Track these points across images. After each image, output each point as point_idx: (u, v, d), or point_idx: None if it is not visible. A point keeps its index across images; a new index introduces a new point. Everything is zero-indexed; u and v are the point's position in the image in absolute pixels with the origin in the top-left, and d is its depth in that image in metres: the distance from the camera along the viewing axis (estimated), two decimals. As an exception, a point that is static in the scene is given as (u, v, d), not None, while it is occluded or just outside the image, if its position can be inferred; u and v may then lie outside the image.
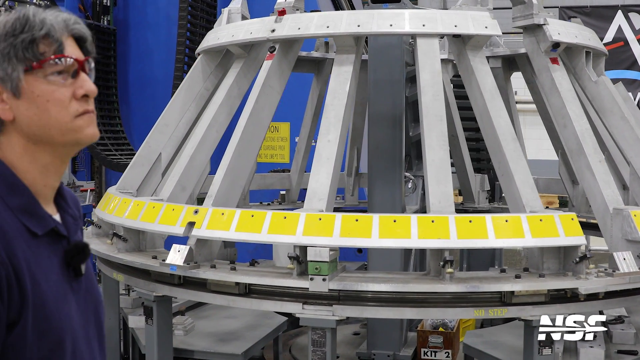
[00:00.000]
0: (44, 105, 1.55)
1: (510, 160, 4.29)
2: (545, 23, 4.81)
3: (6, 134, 1.58)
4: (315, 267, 3.82)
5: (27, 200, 1.57)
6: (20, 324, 1.46)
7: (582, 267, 3.94)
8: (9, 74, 1.52)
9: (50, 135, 1.58)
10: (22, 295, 1.47)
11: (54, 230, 1.61)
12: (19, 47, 1.51)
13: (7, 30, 1.52)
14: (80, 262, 1.66)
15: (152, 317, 4.51)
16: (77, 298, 1.64)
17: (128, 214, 4.69)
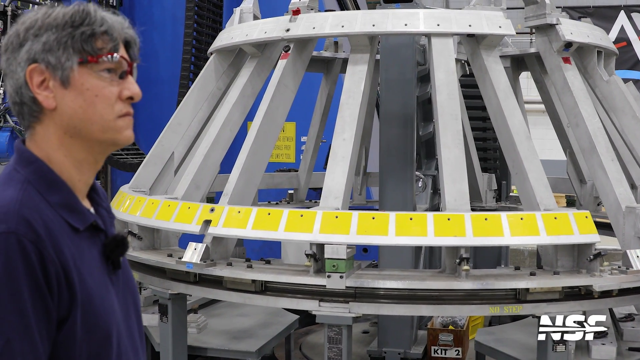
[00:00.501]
0: (91, 99, 1.56)
1: (524, 158, 4.32)
2: (558, 23, 4.85)
3: (43, 123, 1.57)
4: (333, 264, 3.86)
5: (66, 196, 1.57)
6: (70, 321, 1.48)
7: (596, 265, 3.98)
8: (62, 63, 1.53)
9: (90, 130, 1.58)
10: (71, 292, 1.48)
11: (93, 225, 1.61)
12: (78, 38, 1.53)
13: (65, 20, 1.53)
14: (119, 255, 1.67)
15: (167, 315, 4.54)
16: (116, 291, 1.64)
17: (142, 212, 4.72)
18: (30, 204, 1.48)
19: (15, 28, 1.55)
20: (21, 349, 1.38)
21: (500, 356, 4.79)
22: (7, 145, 9.77)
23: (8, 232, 1.41)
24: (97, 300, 1.53)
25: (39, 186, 1.52)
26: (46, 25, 1.52)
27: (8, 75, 1.56)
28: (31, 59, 1.53)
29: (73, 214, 1.56)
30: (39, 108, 1.55)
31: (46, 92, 1.54)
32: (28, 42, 1.52)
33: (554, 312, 3.91)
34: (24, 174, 1.53)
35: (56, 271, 1.45)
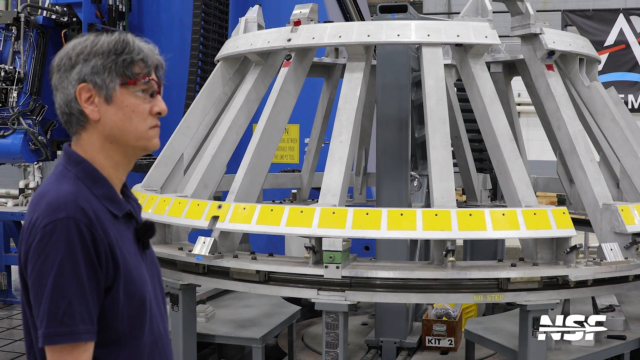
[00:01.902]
0: (129, 114, 1.96)
1: (507, 159, 4.67)
2: (541, 32, 5.19)
3: (88, 131, 1.97)
4: (330, 256, 4.22)
5: (108, 190, 1.97)
6: (114, 289, 1.87)
7: (572, 257, 4.33)
8: (106, 84, 1.92)
9: (127, 138, 1.98)
10: (115, 266, 1.88)
11: (128, 213, 2.02)
12: (120, 64, 1.92)
13: (110, 49, 1.92)
14: (149, 237, 2.09)
15: (177, 304, 4.90)
16: (146, 266, 2.06)
17: (155, 209, 5.08)
18: (82, 195, 1.87)
19: (66, 51, 1.94)
20: (79, 309, 1.78)
21: (487, 343, 5.14)
22: (21, 146, 10.08)
23: (68, 217, 1.80)
24: (134, 272, 1.93)
25: (86, 182, 1.92)
26: (94, 52, 1.91)
27: (59, 90, 1.95)
28: (81, 79, 1.92)
29: (113, 203, 1.96)
30: (85, 119, 1.95)
31: (92, 106, 1.94)
32: (79, 65, 1.91)
33: (534, 300, 4.26)
34: (74, 172, 1.92)
35: (104, 249, 1.84)
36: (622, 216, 4.60)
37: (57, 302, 1.77)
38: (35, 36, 10.38)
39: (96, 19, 10.95)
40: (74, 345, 1.78)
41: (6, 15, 10.36)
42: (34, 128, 10.14)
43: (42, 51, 10.41)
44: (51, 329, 1.77)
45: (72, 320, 1.77)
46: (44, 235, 1.80)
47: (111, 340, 1.89)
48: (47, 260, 1.79)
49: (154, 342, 2.01)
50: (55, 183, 1.91)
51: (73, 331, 1.77)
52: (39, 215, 1.83)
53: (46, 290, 1.78)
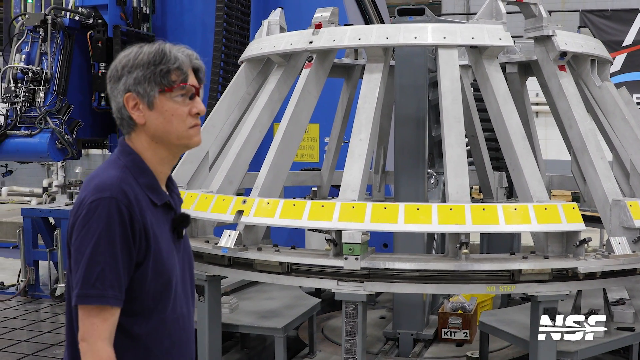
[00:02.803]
0: (169, 117, 2.21)
1: (520, 156, 4.86)
2: (554, 34, 5.38)
3: (137, 132, 2.25)
4: (349, 248, 4.44)
5: (151, 180, 2.23)
6: (144, 265, 2.13)
7: (581, 250, 4.52)
8: (147, 92, 2.18)
9: (169, 138, 2.24)
10: (147, 244, 2.13)
11: (167, 203, 2.27)
12: (158, 74, 2.17)
13: (149, 60, 2.17)
14: (184, 227, 2.34)
15: (204, 295, 5.13)
16: (178, 254, 2.30)
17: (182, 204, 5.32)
18: (127, 180, 2.14)
19: (115, 64, 2.22)
20: (110, 277, 2.04)
21: (500, 334, 5.34)
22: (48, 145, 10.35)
23: (111, 197, 2.08)
24: (164, 254, 2.18)
25: (133, 171, 2.19)
26: (136, 64, 2.17)
27: (112, 99, 2.23)
28: (126, 89, 2.19)
29: (154, 193, 2.22)
30: (133, 123, 2.22)
31: (138, 112, 2.21)
32: (124, 76, 2.18)
33: (544, 291, 4.45)
34: (124, 161, 2.20)
35: (139, 228, 2.10)
36: (630, 211, 4.78)
37: (92, 268, 2.03)
38: (61, 38, 10.65)
39: (121, 20, 11.23)
40: (101, 308, 2.03)
41: (34, 18, 10.64)
42: (61, 127, 10.40)
43: (68, 52, 10.68)
44: (84, 290, 2.03)
45: (102, 285, 2.02)
46: (89, 210, 2.06)
47: (137, 311, 2.14)
48: (89, 232, 2.05)
49: (176, 319, 2.25)
50: (106, 169, 2.18)
51: (102, 295, 2.02)
52: (87, 194, 2.10)
53: (84, 257, 2.04)
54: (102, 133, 11.75)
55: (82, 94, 11.21)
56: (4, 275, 10.87)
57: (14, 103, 9.92)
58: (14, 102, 9.91)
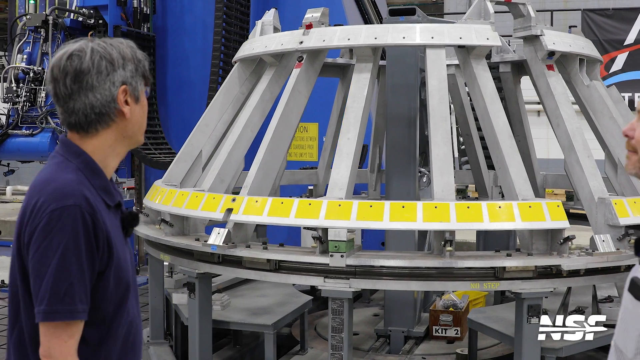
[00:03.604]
0: (144, 111, 2.25)
1: (506, 155, 4.91)
2: (542, 34, 5.43)
3: (110, 128, 2.17)
4: (335, 245, 4.50)
5: (104, 181, 2.17)
6: (106, 273, 2.07)
7: (565, 248, 4.57)
8: (137, 85, 2.19)
9: (138, 132, 2.24)
10: (110, 252, 2.07)
11: (118, 203, 2.23)
12: (142, 68, 2.20)
13: (133, 55, 2.18)
14: (134, 226, 2.29)
15: (194, 292, 5.20)
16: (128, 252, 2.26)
17: (174, 203, 5.39)
18: (85, 185, 2.07)
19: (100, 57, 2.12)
20: (78, 290, 1.97)
21: (488, 331, 5.39)
22: (49, 145, 10.43)
23: (74, 205, 1.99)
24: (122, 259, 2.14)
25: (86, 173, 2.12)
26: (127, 58, 2.16)
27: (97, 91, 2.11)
28: (123, 81, 2.15)
29: (107, 194, 2.17)
30: (114, 118, 2.16)
31: (127, 106, 2.18)
32: (119, 69, 2.14)
33: (528, 288, 4.51)
34: (75, 163, 2.12)
35: (102, 236, 2.04)
36: (615, 209, 4.83)
37: (60, 282, 1.94)
38: (62, 38, 10.72)
39: (121, 21, 11.31)
40: (69, 323, 1.96)
41: (35, 18, 10.72)
42: (62, 127, 10.47)
43: (69, 53, 10.76)
44: (53, 306, 1.93)
45: (72, 300, 1.95)
46: (50, 219, 1.96)
47: (98, 320, 2.06)
48: (52, 243, 1.95)
49: (131, 322, 2.20)
50: (59, 172, 2.08)
51: (72, 310, 1.95)
52: (45, 200, 1.99)
53: (49, 270, 1.94)
54: (103, 132, 11.82)
55: (83, 94, 11.28)
56: (5, 274, 10.97)
57: (16, 103, 10.00)
58: (16, 102, 10.00)
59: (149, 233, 5.59)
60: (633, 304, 1.98)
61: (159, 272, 6.20)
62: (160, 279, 6.23)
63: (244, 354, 6.32)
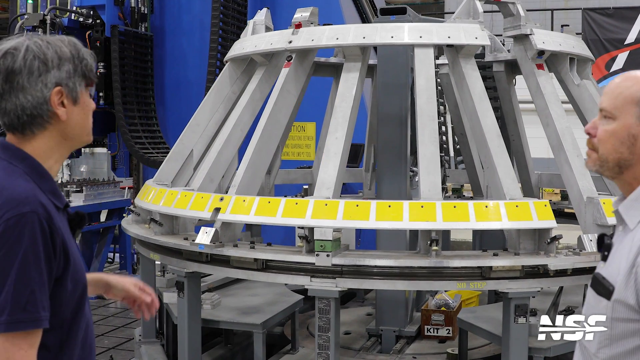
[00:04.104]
0: (87, 112, 2.18)
1: (494, 154, 4.91)
2: (531, 33, 5.42)
3: (47, 130, 2.10)
4: (321, 244, 4.50)
5: (52, 184, 2.10)
6: (63, 278, 2.01)
7: (552, 247, 4.56)
8: (75, 86, 2.11)
9: (81, 134, 2.17)
10: (66, 257, 2.01)
11: (66, 204, 2.17)
12: (83, 68, 2.14)
13: (73, 54, 2.11)
14: (82, 227, 2.24)
15: (183, 291, 5.20)
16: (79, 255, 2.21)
17: (164, 202, 5.40)
18: (38, 190, 2.01)
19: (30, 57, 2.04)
20: (40, 298, 1.91)
21: (477, 331, 5.38)
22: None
23: (32, 212, 1.93)
24: (77, 261, 2.09)
25: (33, 177, 2.05)
26: (64, 57, 2.09)
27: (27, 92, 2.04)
28: (57, 83, 2.07)
29: (56, 197, 2.09)
30: (50, 120, 2.09)
31: (63, 108, 2.10)
32: (54, 69, 2.07)
33: (515, 288, 4.50)
34: (22, 168, 2.05)
35: (59, 241, 1.98)
36: (604, 209, 4.81)
37: (22, 291, 1.88)
38: (60, 38, 10.72)
39: (119, 20, 11.34)
40: (29, 332, 1.90)
41: (33, 18, 10.75)
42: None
43: (67, 52, 10.77)
44: (14, 316, 1.87)
45: (35, 308, 1.89)
46: (7, 227, 1.90)
47: (56, 325, 2.00)
48: (11, 252, 1.88)
49: (87, 324, 2.16)
50: (8, 178, 2.01)
51: (35, 318, 1.89)
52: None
53: (9, 279, 1.87)
54: (101, 132, 11.85)
55: (81, 93, 11.30)
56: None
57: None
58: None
59: (139, 232, 5.59)
60: (595, 299, 2.01)
61: (151, 271, 6.20)
62: (152, 278, 6.23)
63: (235, 353, 6.32)
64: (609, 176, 2.08)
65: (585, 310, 2.09)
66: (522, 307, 4.56)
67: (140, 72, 11.53)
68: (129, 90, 11.31)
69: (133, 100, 11.40)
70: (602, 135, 2.03)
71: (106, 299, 9.87)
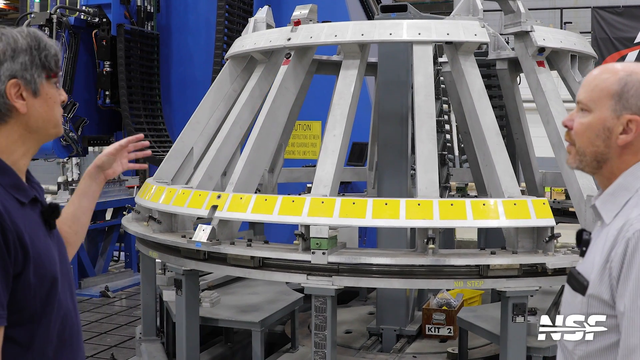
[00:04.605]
0: (51, 104, 2.13)
1: (493, 152, 4.87)
2: (532, 30, 5.37)
3: (9, 124, 2.07)
4: (317, 242, 4.48)
5: (14, 179, 2.06)
6: (24, 273, 1.96)
7: (551, 246, 4.51)
8: (34, 78, 2.07)
9: (47, 127, 2.13)
10: (24, 252, 1.96)
11: (34, 198, 2.13)
12: (43, 59, 2.08)
13: (30, 45, 2.06)
14: (54, 218, 2.19)
15: (181, 289, 5.19)
16: (54, 247, 2.17)
17: (162, 200, 5.39)
18: None
19: None
20: None
21: (476, 330, 5.34)
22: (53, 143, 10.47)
23: None
24: (43, 254, 2.05)
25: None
26: (18, 49, 2.05)
27: None
28: (11, 75, 2.03)
29: (19, 191, 2.06)
30: (10, 113, 2.06)
31: (21, 100, 2.06)
32: (7, 62, 2.03)
33: (512, 286, 4.46)
34: None
35: (13, 238, 1.92)
36: (603, 207, 4.75)
37: None
38: (67, 36, 10.77)
39: (125, 19, 11.34)
40: None
41: (39, 17, 10.77)
42: (66, 125, 10.52)
43: (74, 51, 10.82)
44: None
45: None
46: None
47: (25, 319, 1.99)
48: None
49: (64, 317, 2.12)
50: None
51: None
52: None
53: None
54: (107, 130, 11.88)
55: (88, 92, 11.34)
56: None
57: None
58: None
59: (139, 230, 5.59)
60: (571, 295, 1.99)
61: (151, 269, 6.20)
62: (152, 276, 6.23)
63: (235, 352, 6.30)
64: (589, 172, 2.05)
65: (562, 307, 2.06)
66: (520, 306, 4.52)
67: (146, 71, 11.54)
68: (135, 89, 11.31)
69: (139, 99, 11.40)
70: (578, 128, 2.00)
71: (110, 297, 9.89)
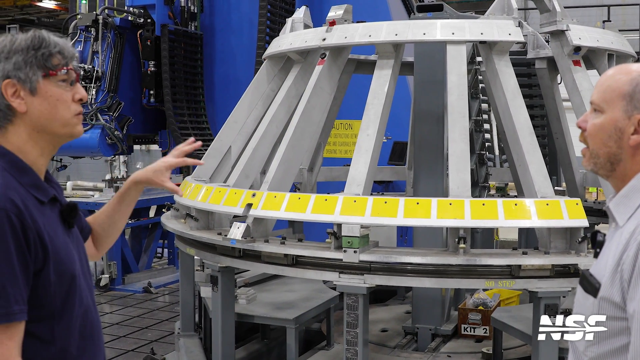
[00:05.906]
0: (54, 103, 2.15)
1: (526, 152, 4.85)
2: (568, 29, 5.34)
3: (15, 123, 2.13)
4: (348, 241, 4.53)
5: (33, 178, 2.13)
6: (45, 270, 2.03)
7: (583, 246, 4.48)
8: (29, 77, 2.10)
9: (53, 126, 2.15)
10: (44, 250, 2.03)
11: (53, 197, 2.20)
12: (40, 58, 2.12)
13: (27, 45, 2.12)
14: (73, 217, 2.27)
15: (217, 285, 5.29)
16: (72, 243, 2.25)
17: (200, 198, 5.49)
18: (11, 186, 2.02)
19: None
20: (12, 292, 1.93)
21: (510, 330, 5.33)
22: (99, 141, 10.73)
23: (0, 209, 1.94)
24: (62, 252, 2.12)
25: (12, 172, 2.08)
26: (14, 49, 2.11)
27: None
28: (5, 75, 2.09)
29: (39, 191, 2.12)
30: (12, 112, 2.12)
31: (18, 100, 2.11)
32: (0, 63, 2.10)
33: (544, 287, 4.44)
34: (1, 164, 2.08)
35: (33, 235, 1.99)
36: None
37: None
38: (112, 37, 11.03)
39: (169, 20, 11.55)
40: (7, 325, 1.93)
41: (86, 18, 11.04)
42: (111, 123, 10.77)
43: (119, 51, 11.07)
44: None
45: (7, 302, 1.92)
46: None
47: (45, 315, 2.05)
48: None
49: (85, 313, 2.19)
50: None
51: (8, 312, 1.92)
52: None
53: None
54: (152, 129, 12.11)
55: (133, 91, 11.58)
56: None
57: (66, 100, 10.28)
58: (67, 99, 10.27)
59: (176, 227, 5.71)
60: (583, 297, 2.00)
61: (189, 265, 6.32)
62: (191, 273, 6.36)
63: (272, 348, 6.39)
64: (603, 175, 2.06)
65: (574, 308, 2.08)
66: (552, 306, 4.50)
67: (189, 70, 11.73)
68: (179, 88, 11.51)
69: (183, 98, 11.60)
70: (591, 129, 2.02)
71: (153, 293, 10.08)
